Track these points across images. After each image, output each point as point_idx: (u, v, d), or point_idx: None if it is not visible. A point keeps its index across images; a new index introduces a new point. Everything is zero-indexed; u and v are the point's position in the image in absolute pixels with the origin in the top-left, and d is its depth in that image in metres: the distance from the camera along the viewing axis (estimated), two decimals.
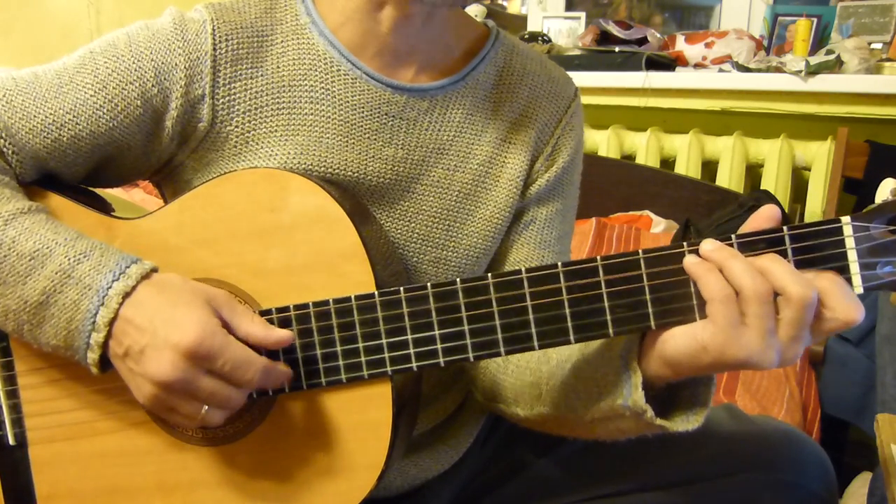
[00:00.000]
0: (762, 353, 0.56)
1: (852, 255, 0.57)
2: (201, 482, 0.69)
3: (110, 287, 0.61)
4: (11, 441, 0.71)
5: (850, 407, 1.60)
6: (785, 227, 0.58)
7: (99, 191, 0.80)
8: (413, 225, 0.78)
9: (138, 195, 1.96)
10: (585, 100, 2.55)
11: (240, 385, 0.61)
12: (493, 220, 0.80)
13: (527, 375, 0.76)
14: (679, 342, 0.59)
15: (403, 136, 0.76)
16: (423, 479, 0.85)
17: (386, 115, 0.76)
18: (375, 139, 0.75)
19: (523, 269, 0.62)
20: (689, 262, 0.58)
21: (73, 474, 0.71)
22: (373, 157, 0.75)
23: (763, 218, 0.59)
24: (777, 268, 0.56)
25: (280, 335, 0.64)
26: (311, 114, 0.74)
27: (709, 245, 0.58)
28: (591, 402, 0.68)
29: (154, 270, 0.64)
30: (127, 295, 0.61)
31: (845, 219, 0.57)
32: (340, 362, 0.65)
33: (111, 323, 0.61)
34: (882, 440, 0.92)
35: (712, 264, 0.57)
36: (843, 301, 0.56)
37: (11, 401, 0.71)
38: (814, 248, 0.58)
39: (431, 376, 0.85)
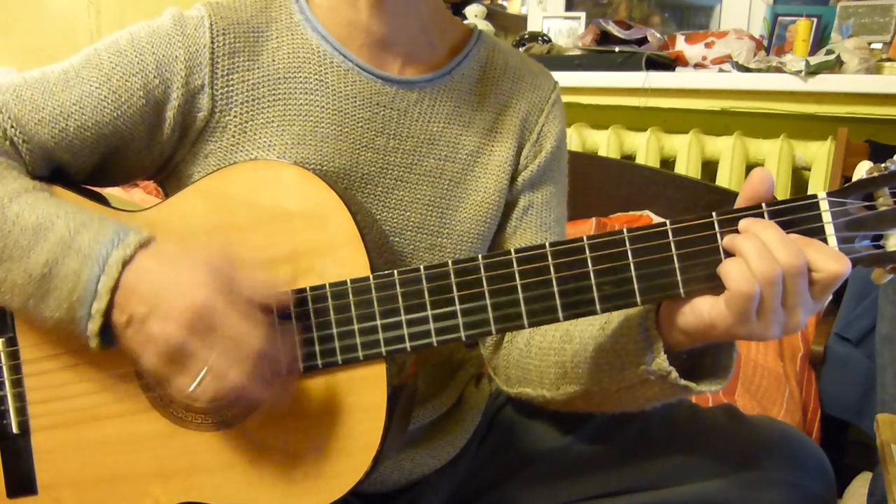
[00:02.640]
0: (767, 333, 0.60)
1: (829, 230, 0.60)
2: (199, 467, 0.70)
3: (109, 255, 0.62)
4: (15, 429, 0.72)
5: (850, 407, 1.60)
6: (763, 204, 0.60)
7: (102, 190, 0.81)
8: (408, 213, 0.80)
9: (138, 195, 1.96)
10: (585, 100, 2.55)
11: (245, 350, 0.60)
12: (484, 206, 0.83)
13: (551, 356, 0.79)
14: (689, 318, 0.62)
15: (394, 126, 0.79)
16: (420, 474, 0.85)
17: (377, 105, 0.79)
18: (368, 128, 0.78)
19: (512, 249, 0.64)
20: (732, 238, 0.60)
21: (75, 463, 0.72)
22: (365, 146, 0.78)
23: (754, 183, 0.61)
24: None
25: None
26: (306, 104, 0.77)
27: (749, 221, 0.60)
28: (615, 373, 0.71)
29: (152, 237, 0.65)
30: (126, 262, 0.62)
31: (821, 194, 0.59)
32: (336, 344, 0.67)
33: (113, 291, 0.62)
34: (882, 440, 0.93)
35: (756, 242, 0.58)
36: (827, 259, 0.57)
37: (16, 389, 0.72)
38: (792, 224, 0.60)
39: (427, 373, 0.86)
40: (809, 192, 2.04)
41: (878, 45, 2.00)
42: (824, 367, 1.65)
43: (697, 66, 2.18)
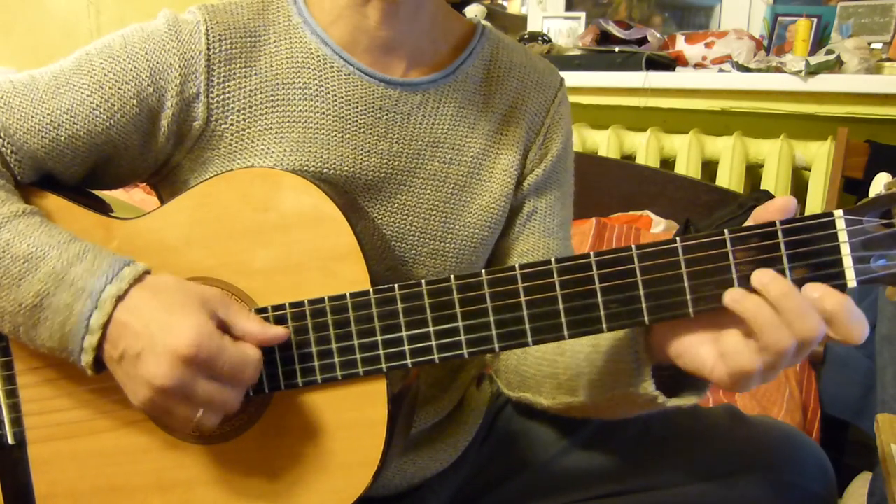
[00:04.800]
0: (764, 383, 0.59)
1: (845, 249, 0.57)
2: (199, 480, 0.69)
3: (103, 290, 0.61)
4: (11, 440, 0.71)
5: (850, 407, 1.60)
6: (778, 222, 0.58)
7: (99, 192, 0.80)
8: (411, 218, 0.79)
9: (138, 195, 1.96)
10: (585, 100, 2.54)
11: (239, 385, 0.62)
12: (490, 210, 0.82)
13: (545, 366, 0.78)
14: (688, 365, 0.61)
15: (398, 130, 0.77)
16: (422, 477, 0.85)
17: (380, 109, 0.77)
18: (370, 134, 0.76)
19: (517, 265, 0.62)
20: (750, 304, 0.56)
21: (72, 473, 0.71)
22: (368, 151, 0.76)
23: (775, 209, 0.58)
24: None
25: (276, 332, 0.64)
26: (306, 110, 0.75)
27: (767, 278, 0.57)
28: (606, 390, 0.70)
29: (147, 272, 0.64)
30: (120, 298, 0.61)
31: (838, 212, 0.57)
32: (336, 359, 0.66)
33: (105, 326, 0.61)
34: (882, 440, 0.92)
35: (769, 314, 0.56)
36: (848, 326, 0.55)
37: (11, 400, 0.71)
38: (807, 242, 0.58)
39: (429, 375, 0.85)
40: (810, 193, 2.07)
41: (878, 45, 2.00)
42: (824, 367, 1.65)
43: (697, 66, 2.18)
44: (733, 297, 0.57)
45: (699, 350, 0.60)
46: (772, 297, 0.56)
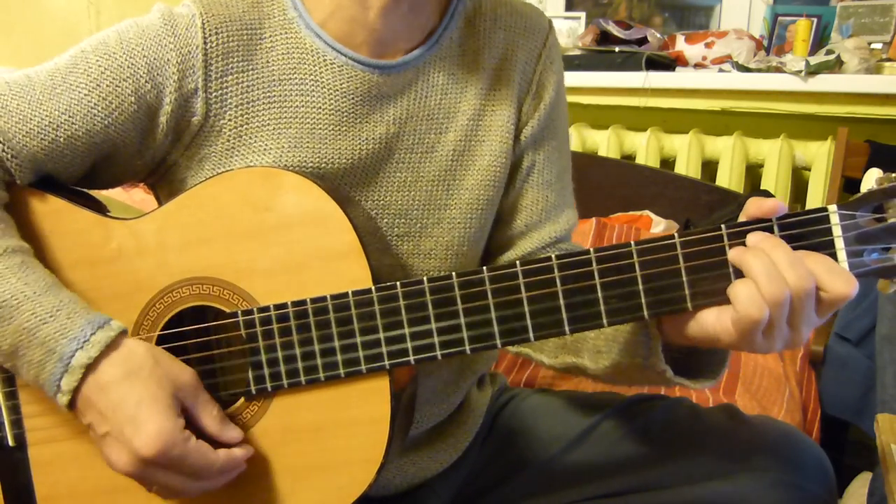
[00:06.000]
0: (771, 349, 0.60)
1: (839, 243, 0.59)
2: None
3: (73, 356, 0.62)
4: (11, 442, 0.71)
5: (850, 407, 1.60)
6: (773, 217, 0.60)
7: (98, 192, 0.80)
8: (413, 193, 0.79)
9: (138, 195, 1.96)
10: (585, 100, 2.54)
11: (202, 481, 0.64)
12: (492, 169, 0.81)
13: None
14: (694, 330, 0.62)
15: (393, 113, 0.77)
16: (423, 478, 0.85)
17: (376, 97, 0.76)
18: (367, 122, 0.76)
19: (518, 261, 0.63)
20: (746, 255, 0.59)
21: (73, 474, 0.71)
22: (365, 139, 0.76)
23: (764, 210, 0.60)
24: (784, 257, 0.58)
25: (231, 434, 0.66)
26: (303, 106, 0.75)
27: (760, 236, 0.59)
28: (612, 357, 0.71)
29: (123, 333, 0.65)
30: (90, 368, 0.63)
31: (832, 207, 0.59)
32: (339, 357, 0.66)
33: (75, 391, 0.63)
34: (882, 440, 0.93)
35: (765, 262, 0.58)
36: (832, 280, 0.58)
37: (10, 402, 0.71)
38: (802, 237, 0.60)
39: (432, 378, 0.85)
40: (810, 193, 2.06)
41: (878, 45, 2.00)
42: (824, 367, 1.65)
43: (697, 66, 2.18)
44: (737, 252, 0.60)
45: (703, 313, 0.62)
46: (765, 249, 0.58)
